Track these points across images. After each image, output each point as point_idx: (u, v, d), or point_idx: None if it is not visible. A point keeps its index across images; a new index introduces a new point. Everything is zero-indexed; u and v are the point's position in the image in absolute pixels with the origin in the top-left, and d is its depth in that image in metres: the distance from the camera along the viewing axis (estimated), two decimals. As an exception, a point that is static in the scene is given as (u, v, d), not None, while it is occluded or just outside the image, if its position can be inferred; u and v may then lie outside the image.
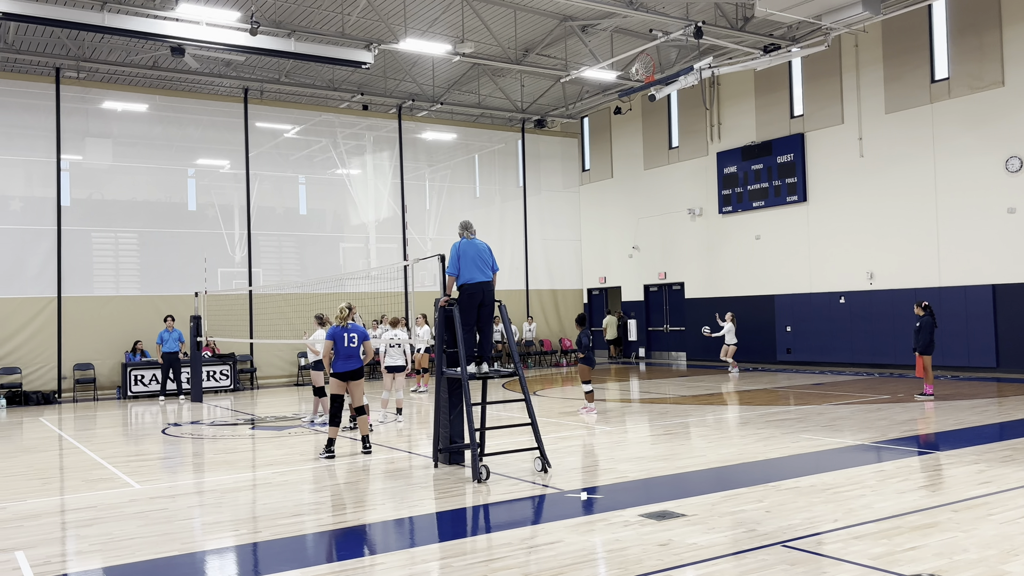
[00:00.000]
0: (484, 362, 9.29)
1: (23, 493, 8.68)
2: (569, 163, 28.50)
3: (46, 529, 7.17)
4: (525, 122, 27.24)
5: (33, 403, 18.63)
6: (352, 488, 8.57)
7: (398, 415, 14.06)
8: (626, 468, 9.02)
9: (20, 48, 19.61)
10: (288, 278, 22.80)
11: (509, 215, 26.96)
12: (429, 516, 7.35)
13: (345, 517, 7.31)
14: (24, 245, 19.57)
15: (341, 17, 18.62)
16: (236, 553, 6.34)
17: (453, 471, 9.09)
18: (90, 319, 20.01)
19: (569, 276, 28.21)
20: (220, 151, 22.56)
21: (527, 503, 7.64)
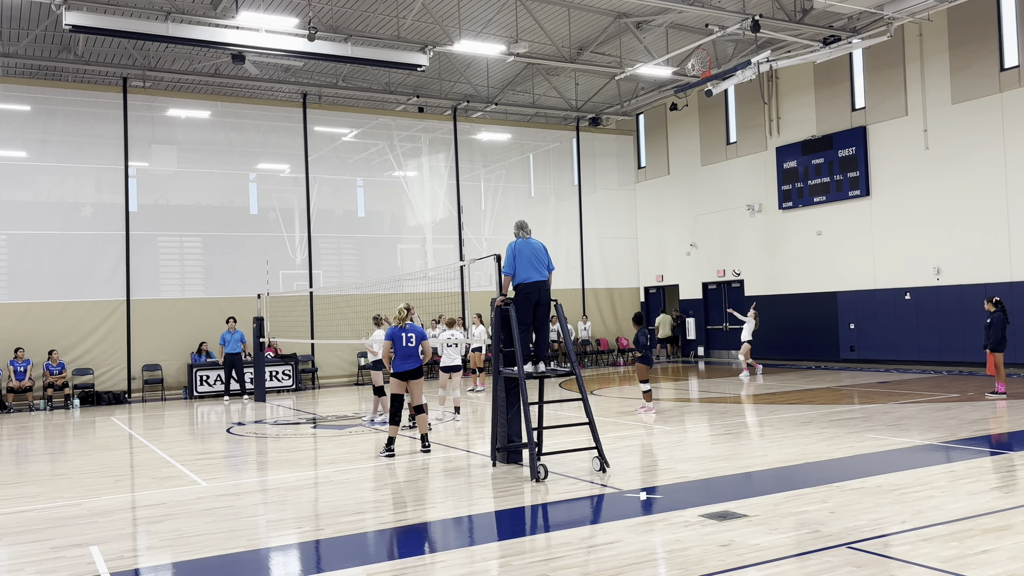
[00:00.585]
0: (541, 361, 9.29)
1: (97, 490, 8.97)
2: (625, 160, 28.32)
3: (118, 525, 7.40)
4: (580, 120, 27.15)
5: (105, 403, 19.24)
6: (412, 486, 8.65)
7: (456, 414, 14.16)
8: (686, 468, 8.93)
9: (89, 59, 20.29)
10: (347, 279, 23.13)
11: (564, 214, 26.91)
12: (488, 515, 7.39)
13: (406, 515, 7.39)
14: (95, 250, 20.23)
15: (396, 20, 18.81)
16: (299, 550, 6.46)
17: (511, 470, 9.11)
18: (157, 321, 20.59)
19: (625, 274, 28.03)
20: (280, 155, 23.00)
21: (586, 503, 7.62)
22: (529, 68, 23.53)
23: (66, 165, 20.21)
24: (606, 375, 22.58)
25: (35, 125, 20.04)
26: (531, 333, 9.38)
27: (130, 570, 5.97)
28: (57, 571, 5.94)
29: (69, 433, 14.59)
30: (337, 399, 18.60)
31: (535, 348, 9.34)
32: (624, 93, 25.87)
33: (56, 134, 20.17)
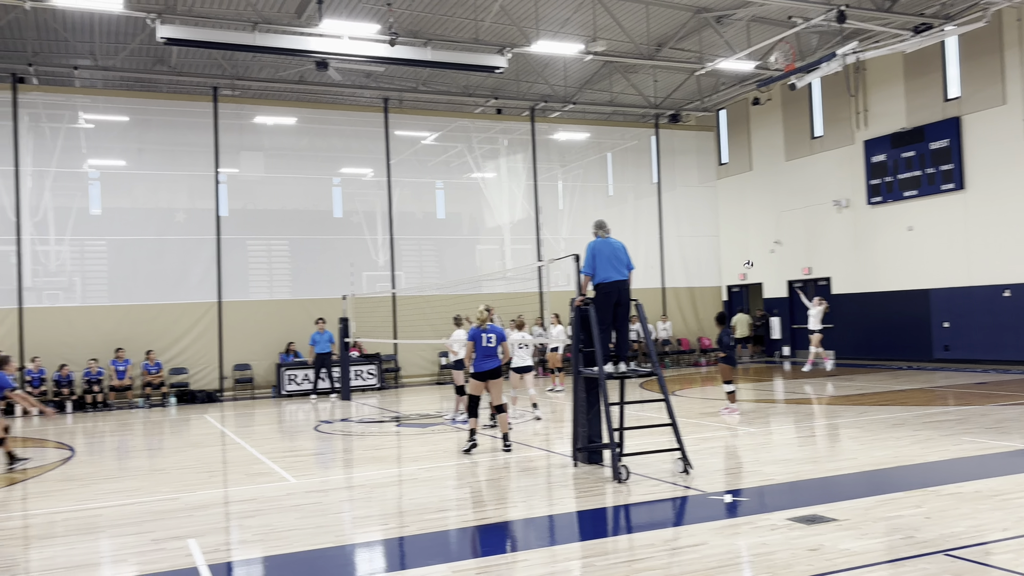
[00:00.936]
0: (621, 361, 9.23)
1: (193, 485, 9.34)
2: (705, 157, 27.89)
3: (213, 519, 7.69)
4: (659, 117, 26.86)
5: (198, 401, 20.00)
6: (494, 485, 8.72)
7: (535, 409, 14.16)
8: (772, 470, 8.74)
9: (182, 71, 21.12)
10: (428, 280, 23.45)
11: (643, 212, 26.66)
12: (570, 515, 7.39)
13: (488, 514, 7.46)
14: (188, 254, 21.04)
15: (475, 23, 18.97)
16: (385, 547, 6.59)
17: (592, 470, 9.09)
18: (247, 322, 21.28)
19: (707, 273, 27.58)
20: (363, 160, 23.48)
21: (669, 504, 7.55)
22: (607, 66, 23.41)
23: (161, 173, 21.08)
24: (687, 376, 22.28)
25: (132, 135, 20.97)
26: (611, 333, 9.34)
27: (225, 563, 6.20)
28: (158, 562, 6.21)
29: (166, 430, 15.22)
30: (419, 398, 18.88)
31: (615, 348, 9.29)
32: (704, 89, 25.48)
33: (152, 143, 21.07)
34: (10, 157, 19.45)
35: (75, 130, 20.41)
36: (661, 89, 25.44)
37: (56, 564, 6.32)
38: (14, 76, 19.57)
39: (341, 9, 18.34)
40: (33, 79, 20.06)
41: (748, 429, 11.89)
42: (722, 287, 27.76)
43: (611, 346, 9.28)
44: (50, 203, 19.98)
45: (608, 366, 9.02)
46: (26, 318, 19.34)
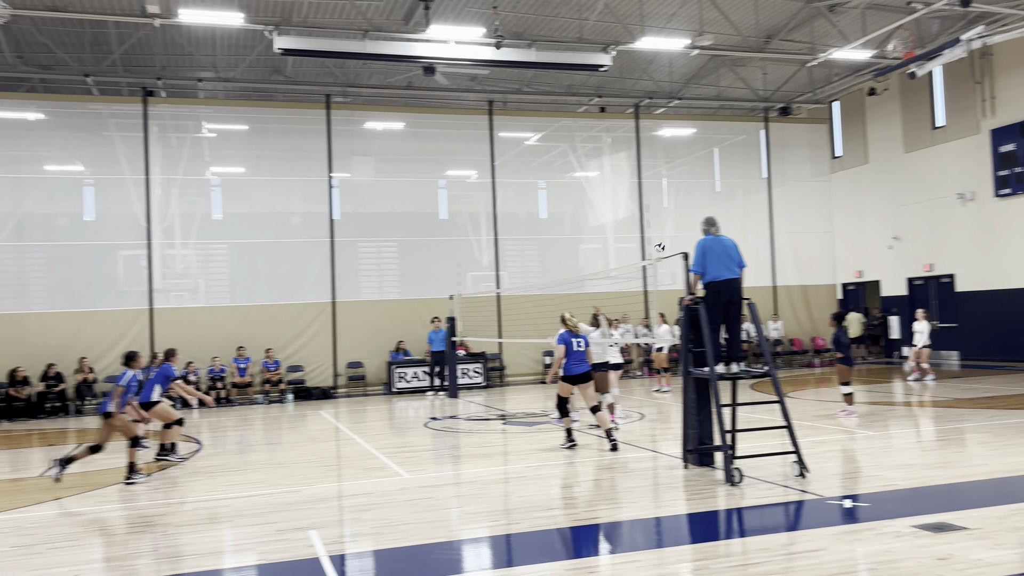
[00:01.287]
0: (733, 362, 9.05)
1: (312, 479, 9.71)
2: (818, 151, 26.96)
3: (332, 511, 7.98)
4: (768, 111, 26.15)
5: (314, 398, 20.73)
6: (602, 485, 8.71)
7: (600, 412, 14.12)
8: (894, 476, 8.40)
9: (297, 80, 21.98)
10: (531, 280, 23.58)
11: (752, 208, 26.00)
12: (680, 517, 7.31)
13: (597, 513, 7.46)
14: (303, 256, 21.85)
15: (579, 23, 18.96)
16: (496, 543, 6.68)
17: (703, 473, 8.95)
18: (359, 322, 21.93)
19: (820, 270, 26.65)
20: (467, 162, 23.82)
21: (784, 508, 7.36)
22: (714, 60, 22.96)
23: (278, 178, 21.96)
24: (800, 377, 21.62)
25: (251, 143, 21.95)
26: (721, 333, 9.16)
27: (345, 554, 6.43)
28: (282, 552, 6.50)
29: (284, 425, 15.86)
30: (524, 396, 19.00)
31: (727, 348, 9.11)
32: (816, 80, 24.65)
33: (269, 150, 21.98)
34: (141, 166, 20.67)
35: (199, 139, 21.52)
36: (771, 82, 24.76)
37: (186, 551, 6.70)
38: (144, 90, 20.78)
39: (447, 14, 18.66)
40: (161, 92, 21.27)
41: (867, 432, 11.45)
42: (837, 285, 26.78)
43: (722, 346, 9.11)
44: (176, 209, 21.12)
45: (719, 366, 8.87)
46: (156, 318, 20.50)
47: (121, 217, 20.62)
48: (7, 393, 18.57)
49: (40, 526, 7.74)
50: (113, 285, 20.44)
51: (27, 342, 19.35)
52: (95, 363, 19.76)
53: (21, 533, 7.46)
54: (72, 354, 19.49)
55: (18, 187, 19.98)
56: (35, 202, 20.08)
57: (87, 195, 20.85)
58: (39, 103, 20.65)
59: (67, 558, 6.58)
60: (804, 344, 25.74)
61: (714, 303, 8.95)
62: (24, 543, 7.09)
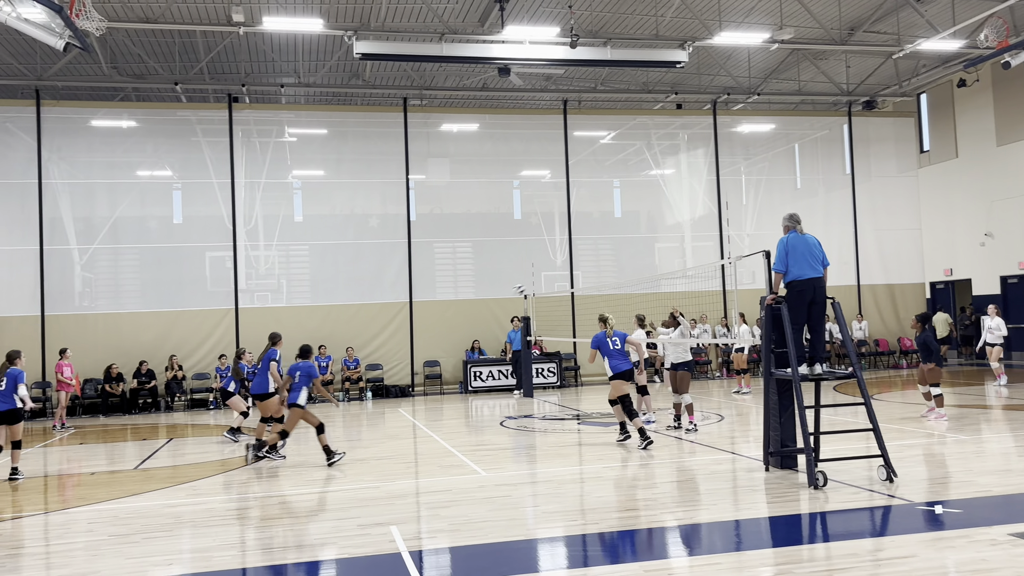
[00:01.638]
0: (816, 363, 8.83)
1: (392, 475, 9.88)
2: (904, 145, 26.06)
3: (412, 507, 8.11)
4: (852, 105, 25.40)
5: (392, 395, 21.09)
6: (680, 487, 8.61)
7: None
8: (988, 481, 8.07)
9: (375, 84, 22.38)
10: (605, 279, 23.46)
11: (835, 205, 25.30)
12: (761, 520, 7.18)
13: (675, 515, 7.38)
14: (382, 257, 22.25)
15: (655, 19, 18.78)
16: (573, 543, 6.68)
17: (785, 476, 8.77)
18: (435, 321, 22.19)
19: (907, 269, 25.75)
20: (542, 162, 23.86)
21: (870, 513, 7.15)
22: (794, 54, 22.44)
23: (356, 181, 22.42)
24: (886, 378, 20.95)
25: (331, 146, 22.46)
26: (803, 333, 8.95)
27: (425, 550, 6.53)
28: (364, 546, 6.64)
29: (364, 423, 16.17)
30: (599, 396, 18.90)
31: (810, 349, 8.89)
32: (903, 72, 23.83)
33: (348, 153, 22.46)
34: (226, 170, 21.37)
35: (281, 143, 22.12)
36: (854, 75, 24.05)
37: (271, 544, 6.90)
38: (230, 96, 21.47)
39: (523, 14, 18.73)
40: (245, 98, 21.95)
41: (958, 436, 11.02)
42: (925, 284, 25.84)
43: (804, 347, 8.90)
44: (260, 211, 21.76)
45: (803, 368, 8.66)
46: (241, 317, 21.16)
47: (208, 220, 21.37)
48: (103, 389, 19.45)
49: (136, 516, 8.09)
50: (201, 285, 21.20)
51: (121, 340, 20.22)
52: (184, 361, 20.51)
53: (118, 523, 7.81)
54: (163, 352, 20.28)
55: (113, 192, 20.91)
56: (128, 206, 20.98)
57: (176, 199, 21.68)
58: (132, 111, 21.56)
59: (161, 547, 6.86)
60: (890, 345, 24.92)
61: (797, 303, 8.75)
62: (122, 532, 7.42)
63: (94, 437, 15.24)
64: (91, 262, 20.64)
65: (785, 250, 8.81)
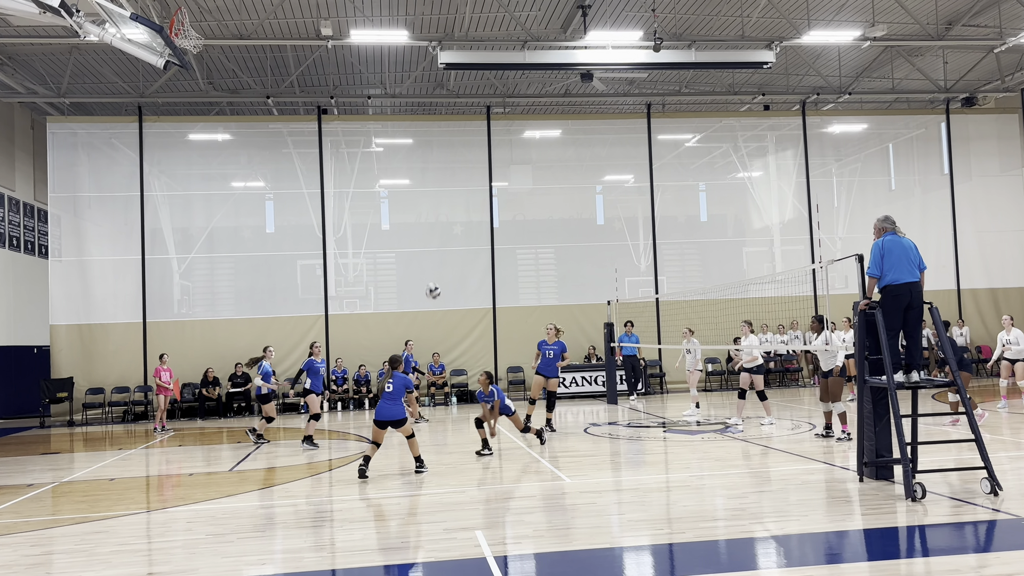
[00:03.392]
0: (913, 370, 8.49)
1: (477, 480, 9.95)
2: (1008, 143, 24.82)
3: (496, 513, 8.14)
4: (949, 102, 24.35)
5: (477, 401, 21.23)
6: (771, 497, 8.39)
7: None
8: (1103, 498, 7.60)
9: (458, 93, 22.67)
10: (691, 285, 23.09)
11: (932, 206, 24.29)
12: (856, 532, 6.94)
13: (764, 526, 7.20)
14: (466, 264, 22.47)
15: (740, 20, 18.45)
16: (659, 552, 6.59)
17: (881, 487, 8.45)
18: (518, 327, 22.23)
19: (1012, 272, 24.49)
20: (625, 166, 23.69)
21: (973, 528, 6.83)
22: (887, 51, 21.68)
23: (441, 189, 22.73)
24: (989, 386, 19.98)
25: (416, 155, 22.84)
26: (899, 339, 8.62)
27: (510, 555, 6.55)
28: (450, 550, 6.71)
29: (449, 427, 16.35)
30: (684, 404, 18.60)
31: (906, 356, 8.56)
32: (1005, 67, 22.72)
33: (433, 162, 22.80)
34: (316, 180, 21.97)
35: (368, 154, 22.61)
36: (952, 71, 23.06)
37: (360, 547, 7.04)
38: (319, 108, 22.08)
39: (605, 20, 18.67)
40: (334, 110, 22.54)
41: (1070, 449, 10.42)
42: (1032, 287, 24.54)
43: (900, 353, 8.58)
44: (348, 220, 22.28)
45: (898, 375, 8.34)
46: (331, 323, 21.70)
47: (299, 229, 22.01)
48: (200, 393, 20.22)
49: (232, 516, 8.37)
50: (292, 293, 21.84)
51: (217, 346, 20.99)
52: (276, 366, 21.05)
53: (215, 523, 8.10)
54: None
55: (210, 203, 21.76)
56: (223, 216, 21.79)
57: (268, 208, 22.41)
58: (226, 124, 22.41)
59: (254, 547, 7.08)
60: (993, 351, 23.71)
61: (892, 308, 8.44)
62: (218, 531, 7.70)
63: (192, 439, 15.85)
64: (189, 271, 21.52)
65: (880, 253, 8.51)
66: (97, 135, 21.39)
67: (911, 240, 8.76)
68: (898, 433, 7.97)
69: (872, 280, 8.58)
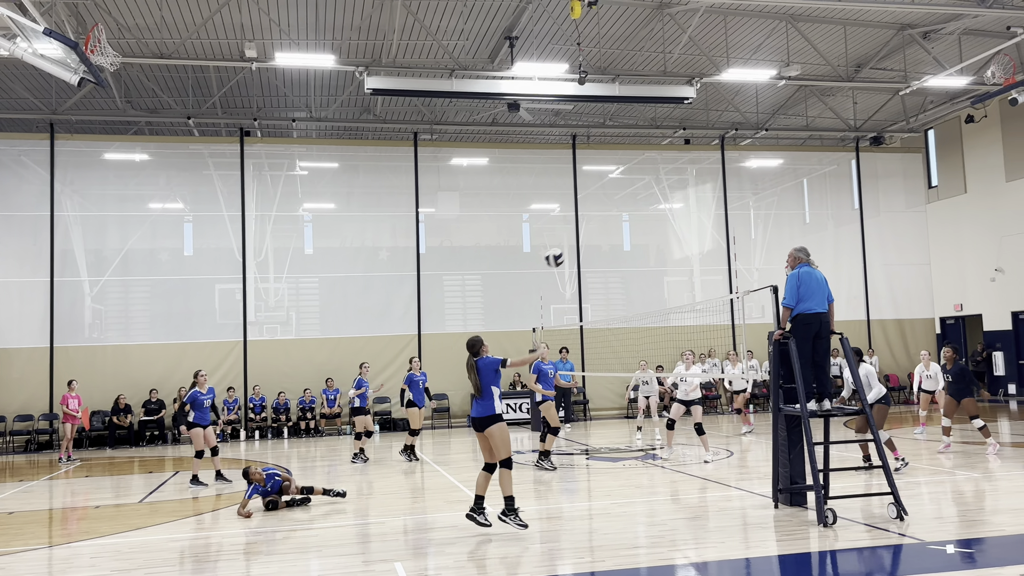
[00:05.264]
0: (825, 398, 8.77)
1: (397, 510, 9.81)
2: (912, 180, 26.09)
3: (417, 544, 8.03)
4: (859, 140, 25.49)
5: (401, 429, 20.99)
6: (689, 524, 8.51)
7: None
8: (1002, 520, 7.96)
9: (386, 118, 22.62)
10: (614, 313, 23.43)
11: (844, 240, 25.29)
12: (770, 558, 7.08)
13: (684, 553, 7.29)
14: (391, 290, 22.30)
15: (663, 56, 18.96)
16: (581, 580, 6.60)
17: (795, 513, 8.67)
18: (444, 354, 22.11)
19: (917, 304, 25.64)
20: (551, 195, 23.97)
21: (881, 552, 7.05)
22: (802, 90, 22.60)
23: (367, 214, 22.56)
24: (896, 414, 20.76)
25: (342, 180, 22.65)
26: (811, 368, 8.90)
27: (429, 586, 6.45)
28: (368, 582, 6.57)
29: (371, 456, 16.07)
30: (608, 431, 18.80)
31: (817, 385, 8.84)
32: (910, 108, 23.94)
33: (359, 187, 22.64)
34: (237, 203, 21.54)
35: (292, 177, 22.31)
36: (861, 111, 24.18)
37: (280, 578, 6.84)
38: (241, 130, 21.72)
39: (532, 52, 18.96)
40: (257, 132, 22.19)
41: (970, 474, 10.89)
42: (935, 319, 25.72)
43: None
44: (270, 244, 21.89)
45: (811, 403, 8.61)
46: (250, 350, 21.19)
47: (218, 252, 21.50)
48: (111, 421, 19.44)
49: (140, 550, 8.04)
50: (210, 317, 21.27)
51: (130, 372, 20.26)
52: (192, 393, 20.51)
53: (121, 558, 7.76)
54: (171, 384, 20.28)
55: (125, 225, 21.08)
56: (140, 239, 21.12)
57: (187, 231, 21.83)
58: (145, 145, 21.82)
59: (165, 582, 6.80)
60: (900, 380, 24.73)
61: (802, 336, 8.73)
62: (124, 567, 7.37)
63: (100, 470, 15.21)
64: (101, 294, 20.75)
65: (796, 284, 8.79)
66: (5, 151, 20.57)
67: (822, 273, 9.09)
68: (811, 460, 8.20)
69: (787, 310, 8.86)
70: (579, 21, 17.00)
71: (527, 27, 17.78)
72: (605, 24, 17.91)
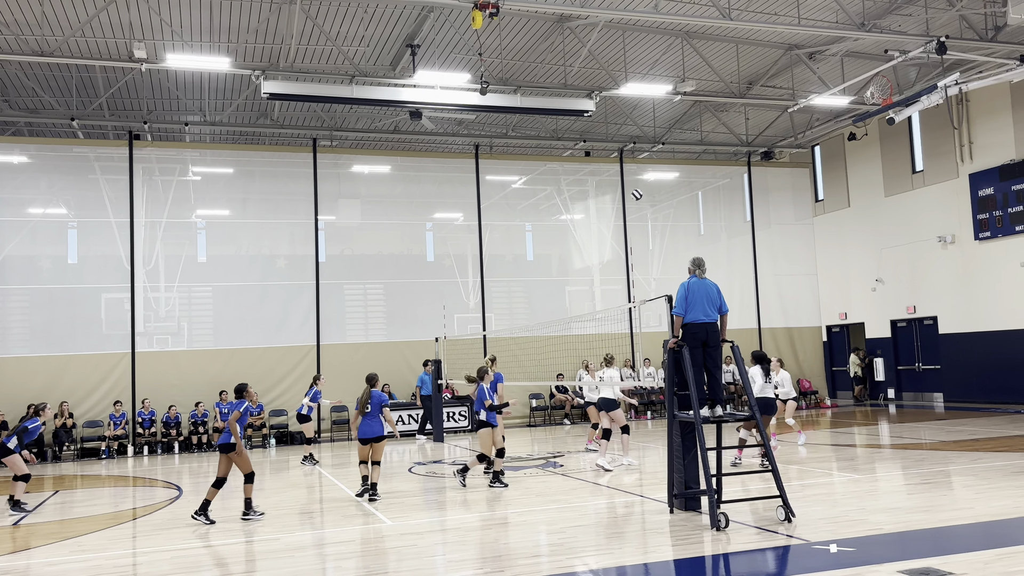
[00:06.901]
0: (717, 405, 9.04)
1: (292, 526, 9.54)
2: (801, 194, 27.28)
3: (313, 560, 7.83)
4: (751, 155, 26.49)
5: (297, 443, 20.45)
6: (588, 531, 8.59)
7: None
8: (879, 520, 8.35)
9: (284, 123, 22.11)
10: (518, 322, 23.55)
11: (737, 251, 26.20)
12: (666, 563, 7.22)
13: (584, 560, 7.35)
14: (289, 299, 21.75)
15: (563, 69, 19.23)
16: (480, 591, 6.56)
17: (690, 517, 8.87)
18: (344, 365, 21.70)
19: (805, 313, 26.77)
20: (454, 204, 23.94)
21: (771, 553, 7.29)
22: (697, 106, 23.31)
23: (263, 221, 21.95)
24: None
25: (237, 185, 21.99)
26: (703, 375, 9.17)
27: (324, 604, 6.29)
28: (260, 601, 6.36)
29: (267, 471, 15.63)
30: (510, 440, 18.82)
31: (709, 391, 9.10)
32: (798, 125, 25.03)
33: (255, 193, 22.02)
34: (126, 209, 20.62)
35: (185, 182, 21.52)
36: (753, 127, 25.13)
37: (165, 601, 6.54)
38: (130, 133, 20.84)
39: (434, 60, 18.91)
40: (147, 135, 21.34)
41: (852, 476, 11.41)
42: (822, 327, 26.91)
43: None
44: (161, 252, 21.04)
45: (704, 410, 8.85)
46: (138, 362, 20.29)
47: (105, 260, 20.52)
48: (-16, 438, 18.22)
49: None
50: (96, 328, 20.27)
51: (5, 387, 19.09)
52: (75, 408, 19.50)
53: (-8, 584, 7.27)
54: (52, 399, 19.14)
55: (2, 230, 19.88)
56: (18, 245, 19.96)
57: (71, 238, 20.76)
58: (24, 146, 20.67)
59: (39, 610, 6.41)
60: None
61: (691, 344, 8.99)
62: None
63: (-29, 491, 14.22)
64: (-26, 303, 19.49)
65: (685, 294, 9.09)
66: None
67: (715, 283, 9.38)
68: (704, 466, 8.41)
69: (678, 318, 9.14)
70: (481, 32, 17.08)
71: (429, 36, 17.73)
72: (507, 36, 18.04)
